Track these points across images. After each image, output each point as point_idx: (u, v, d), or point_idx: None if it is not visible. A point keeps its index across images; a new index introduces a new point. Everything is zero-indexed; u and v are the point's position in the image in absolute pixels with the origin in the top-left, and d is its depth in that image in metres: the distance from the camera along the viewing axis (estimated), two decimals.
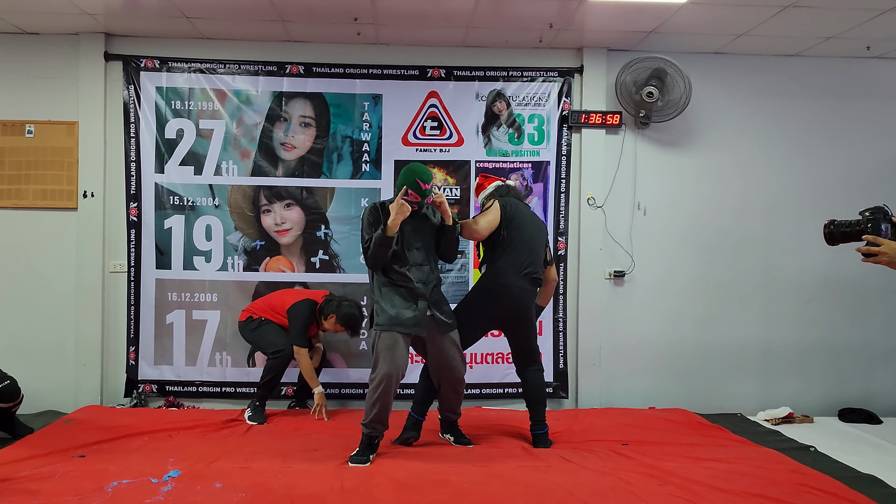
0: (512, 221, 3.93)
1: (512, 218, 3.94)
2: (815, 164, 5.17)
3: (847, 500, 3.13)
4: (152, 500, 3.02)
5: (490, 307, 3.96)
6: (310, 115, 5.00)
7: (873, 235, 2.19)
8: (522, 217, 4.00)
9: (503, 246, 3.93)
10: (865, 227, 2.22)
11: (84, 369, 4.88)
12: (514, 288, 3.92)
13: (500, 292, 3.92)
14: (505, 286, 3.91)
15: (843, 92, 5.17)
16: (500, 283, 3.92)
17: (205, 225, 4.94)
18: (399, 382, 3.73)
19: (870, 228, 2.20)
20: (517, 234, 3.93)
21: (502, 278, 3.91)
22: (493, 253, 3.96)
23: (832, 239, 2.34)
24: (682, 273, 5.15)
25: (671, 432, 4.32)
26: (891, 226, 2.21)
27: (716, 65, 5.12)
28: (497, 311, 3.98)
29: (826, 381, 5.15)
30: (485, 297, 3.97)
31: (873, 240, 2.18)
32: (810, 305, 5.17)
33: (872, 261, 2.18)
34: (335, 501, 3.04)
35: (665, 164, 5.15)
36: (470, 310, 3.99)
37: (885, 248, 2.15)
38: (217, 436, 4.12)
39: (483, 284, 4.01)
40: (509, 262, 3.91)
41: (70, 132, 4.90)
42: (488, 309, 3.97)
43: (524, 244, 3.95)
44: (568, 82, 5.08)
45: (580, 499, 3.08)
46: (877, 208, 2.22)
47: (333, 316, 4.51)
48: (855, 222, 2.26)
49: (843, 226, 2.30)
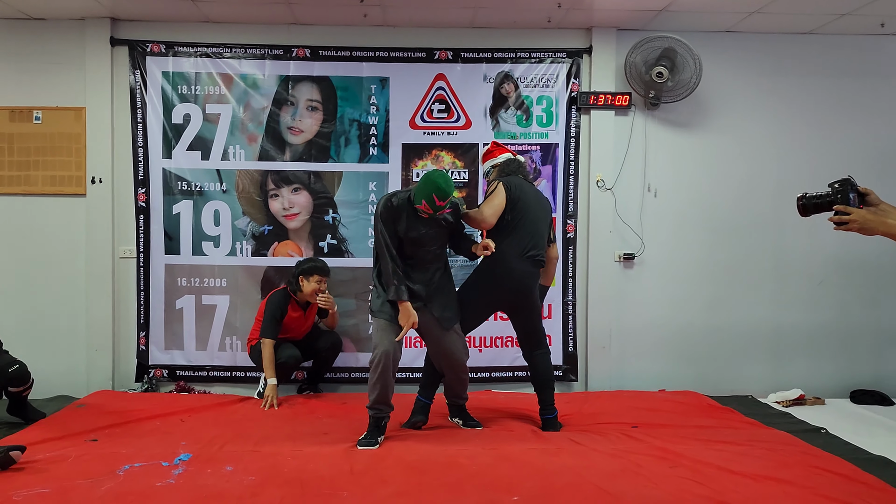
0: (517, 204, 3.87)
1: (517, 200, 3.87)
2: (827, 144, 5.10)
3: (859, 481, 3.11)
4: (163, 483, 3.03)
5: (493, 291, 3.93)
6: (317, 99, 4.97)
7: (842, 205, 2.33)
8: (527, 198, 3.93)
9: (507, 229, 3.86)
10: (835, 198, 2.35)
11: (95, 354, 4.91)
12: (517, 272, 3.88)
13: (502, 276, 3.87)
14: (508, 270, 3.86)
15: (857, 70, 5.09)
16: (502, 266, 3.86)
17: (213, 210, 4.94)
18: (398, 362, 3.72)
19: (839, 198, 2.34)
20: (521, 216, 3.88)
21: (505, 262, 3.85)
22: (495, 236, 3.88)
23: (805, 210, 2.48)
24: (692, 255, 5.12)
25: (681, 415, 4.31)
26: (857, 195, 2.35)
27: (727, 44, 5.05)
28: (500, 295, 3.94)
29: (838, 363, 5.11)
30: (487, 282, 3.93)
31: (843, 209, 2.31)
32: (822, 287, 5.12)
33: (844, 228, 2.33)
34: (345, 484, 3.05)
35: (675, 146, 5.10)
36: (472, 294, 3.96)
37: (854, 216, 2.30)
38: (228, 420, 4.14)
39: (485, 268, 3.95)
40: (512, 246, 3.85)
41: (77, 118, 4.90)
42: (491, 293, 3.94)
43: (528, 226, 3.90)
44: (577, 63, 5.02)
45: (590, 481, 3.07)
46: (844, 180, 2.36)
47: (300, 278, 4.55)
48: (825, 194, 2.40)
49: (814, 198, 2.44)
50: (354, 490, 2.98)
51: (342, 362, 4.99)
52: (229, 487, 2.99)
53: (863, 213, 2.31)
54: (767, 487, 3.03)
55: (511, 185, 3.91)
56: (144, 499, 2.87)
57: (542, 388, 4.02)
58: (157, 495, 2.91)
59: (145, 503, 2.84)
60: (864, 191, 2.37)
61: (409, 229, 3.69)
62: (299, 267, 4.61)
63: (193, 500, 2.87)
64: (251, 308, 4.85)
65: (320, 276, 4.57)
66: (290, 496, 2.90)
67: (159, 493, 2.93)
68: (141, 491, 2.94)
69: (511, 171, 4.03)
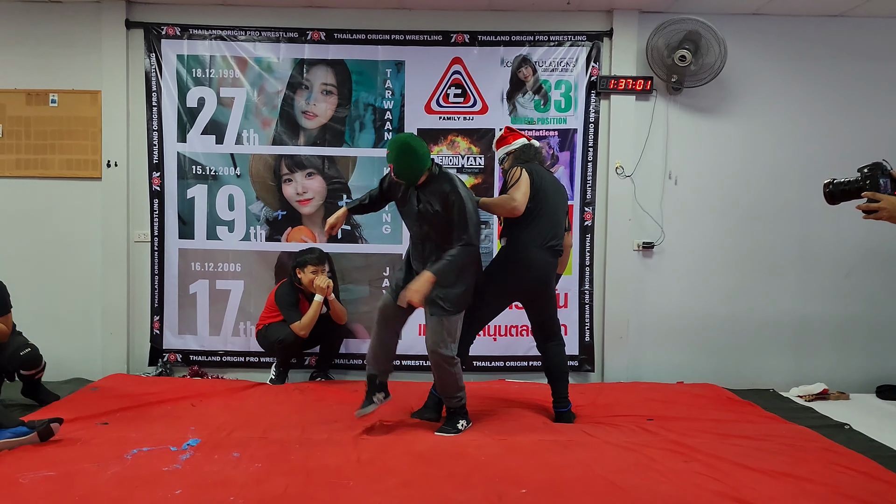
0: (538, 192, 3.75)
1: (539, 188, 3.76)
2: (855, 130, 4.93)
3: (882, 479, 3.00)
4: (170, 468, 3.02)
5: (512, 281, 3.82)
6: (331, 83, 4.92)
7: (872, 192, 2.19)
8: (546, 186, 3.83)
9: (528, 218, 3.74)
10: (864, 184, 2.22)
11: (110, 338, 4.92)
12: (537, 261, 3.79)
13: (523, 266, 3.78)
14: (528, 260, 3.77)
15: (887, 54, 4.92)
16: (523, 256, 3.77)
17: (227, 195, 4.91)
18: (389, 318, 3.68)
19: (868, 185, 2.21)
20: (542, 204, 3.77)
21: (525, 252, 3.76)
22: (515, 224, 3.77)
23: (832, 198, 2.34)
24: (714, 244, 4.99)
25: (699, 408, 4.20)
26: (890, 180, 2.20)
27: (753, 27, 4.89)
28: (519, 285, 3.84)
29: (864, 357, 4.97)
30: (506, 271, 3.82)
31: (872, 195, 2.19)
32: (849, 278, 4.97)
33: (873, 217, 2.20)
34: (351, 473, 3.01)
35: (698, 132, 4.97)
36: (489, 283, 3.84)
37: (884, 204, 2.16)
38: (239, 405, 4.12)
39: (505, 257, 3.85)
40: (533, 235, 3.75)
41: (93, 101, 4.89)
42: (510, 283, 3.83)
43: (548, 215, 3.80)
44: (597, 46, 4.90)
45: (600, 475, 3.00)
46: (875, 164, 2.21)
47: (296, 270, 4.58)
48: (854, 180, 2.26)
49: (842, 184, 2.30)
50: (360, 479, 2.94)
51: (356, 349, 4.96)
52: (235, 474, 2.96)
53: (894, 200, 2.17)
54: (785, 484, 2.93)
55: (532, 171, 3.79)
56: (149, 484, 2.85)
57: (555, 380, 3.93)
58: (163, 480, 2.89)
59: (150, 488, 2.82)
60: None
61: (400, 201, 3.71)
62: (294, 260, 4.62)
63: (198, 485, 2.85)
64: (265, 293, 4.83)
65: (313, 266, 4.54)
66: (295, 484, 2.87)
67: (165, 478, 2.91)
68: (147, 476, 2.92)
69: (528, 157, 3.92)
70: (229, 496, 2.73)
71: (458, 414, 3.69)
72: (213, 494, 2.77)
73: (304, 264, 4.57)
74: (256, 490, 2.81)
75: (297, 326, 4.49)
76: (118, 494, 2.75)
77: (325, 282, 4.52)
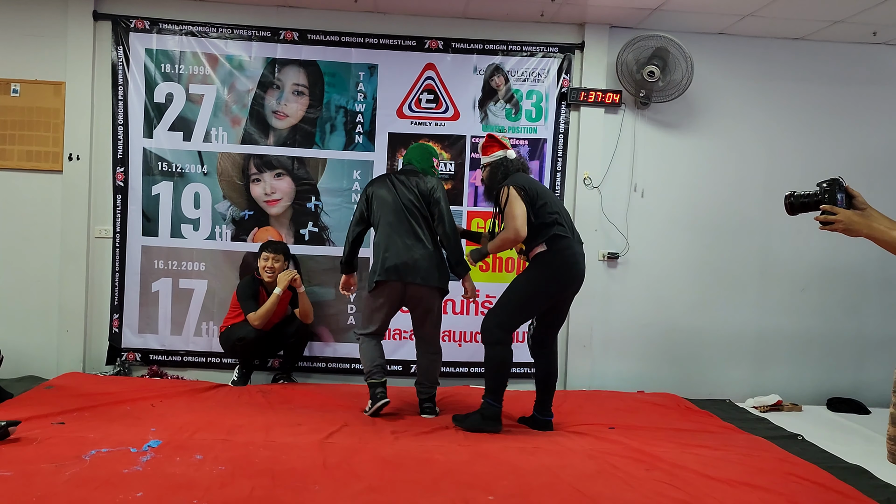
0: (538, 196, 3.73)
1: (535, 194, 3.73)
2: (817, 150, 5.09)
3: (834, 490, 3.10)
4: (130, 470, 2.95)
5: (560, 281, 3.74)
6: (303, 84, 4.89)
7: (829, 205, 2.32)
8: (539, 187, 3.85)
9: (545, 217, 3.69)
10: (822, 197, 2.35)
11: (67, 335, 4.80)
12: (579, 254, 3.77)
13: (571, 263, 3.73)
14: (573, 254, 3.73)
15: (848, 78, 5.09)
16: (569, 251, 3.71)
17: (193, 192, 4.84)
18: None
19: (826, 198, 2.33)
20: (548, 200, 3.77)
21: (570, 247, 3.73)
22: (539, 234, 3.69)
23: (792, 208, 2.46)
24: (677, 256, 5.09)
25: (659, 417, 4.29)
26: (846, 195, 2.34)
27: (720, 46, 5.02)
28: (566, 284, 3.76)
29: (817, 370, 5.12)
30: (555, 272, 3.71)
31: (829, 209, 2.31)
32: (805, 293, 5.12)
33: (829, 228, 2.31)
34: (317, 477, 2.99)
35: (664, 146, 5.07)
36: (534, 287, 3.73)
37: (840, 217, 2.28)
38: (201, 407, 4.05)
39: (551, 260, 3.70)
40: (564, 229, 3.72)
41: (57, 92, 4.77)
42: (559, 282, 3.74)
43: (562, 210, 3.81)
44: (568, 58, 4.97)
45: (566, 482, 3.04)
46: (833, 180, 2.34)
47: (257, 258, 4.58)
48: (813, 193, 2.38)
49: (802, 196, 2.42)
50: (326, 483, 2.92)
51: (319, 352, 4.92)
52: (198, 477, 2.92)
53: (849, 213, 2.30)
54: (744, 493, 3.01)
55: (518, 185, 3.73)
56: (109, 485, 2.79)
57: (551, 388, 3.90)
58: (123, 482, 2.83)
59: (110, 490, 2.75)
60: (852, 192, 2.36)
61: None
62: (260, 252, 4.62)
63: (160, 488, 2.79)
64: (229, 293, 4.76)
65: (268, 253, 4.53)
66: (260, 487, 2.84)
67: (125, 480, 2.85)
68: (106, 477, 2.86)
69: (510, 170, 3.87)
70: (192, 499, 2.69)
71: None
72: (176, 497, 2.72)
73: (261, 249, 4.57)
74: (221, 493, 2.77)
75: (252, 317, 4.43)
76: (78, 496, 2.68)
77: (290, 275, 4.50)
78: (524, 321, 3.95)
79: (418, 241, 3.92)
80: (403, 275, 3.88)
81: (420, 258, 3.90)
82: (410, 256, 3.88)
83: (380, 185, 4.06)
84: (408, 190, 3.98)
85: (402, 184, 4.00)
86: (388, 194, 3.98)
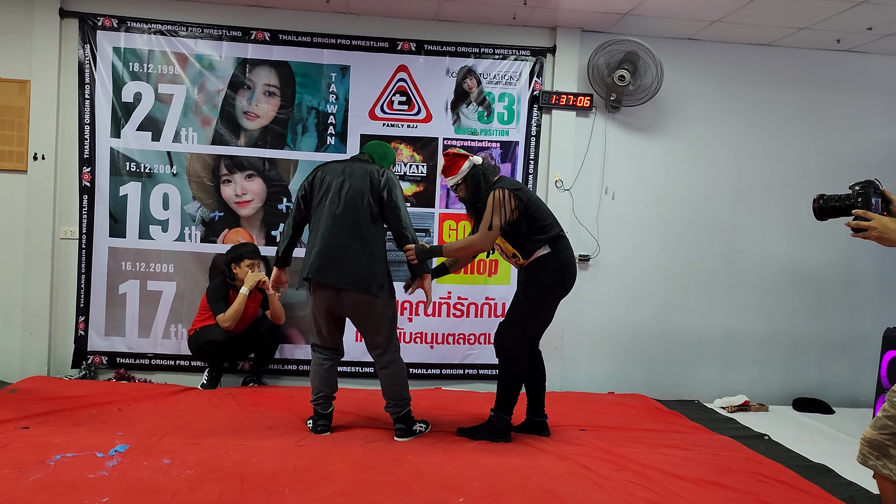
0: (529, 199, 3.60)
1: (526, 197, 3.59)
2: (783, 154, 5.18)
3: (798, 489, 3.16)
4: (96, 475, 2.91)
5: (568, 282, 3.68)
6: (275, 84, 4.85)
7: (863, 210, 2.11)
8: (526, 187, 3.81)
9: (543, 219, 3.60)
10: (855, 202, 2.13)
11: (31, 338, 4.70)
12: (573, 256, 3.73)
13: (573, 261, 3.70)
14: (573, 254, 3.71)
15: (813, 84, 5.19)
16: (567, 256, 3.65)
17: (162, 193, 4.77)
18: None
19: (860, 202, 2.12)
20: (539, 204, 3.66)
21: (569, 247, 3.69)
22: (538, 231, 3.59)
23: (821, 213, 2.25)
24: (647, 258, 5.15)
25: (629, 418, 4.33)
26: (881, 199, 2.14)
27: (689, 51, 5.09)
28: (571, 284, 3.72)
29: (783, 371, 5.21)
30: (563, 273, 3.64)
31: (863, 214, 2.10)
32: (771, 295, 5.21)
33: (862, 236, 2.10)
34: (287, 480, 2.97)
35: (634, 149, 5.12)
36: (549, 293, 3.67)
37: (874, 223, 2.07)
38: (169, 410, 4.00)
39: (557, 261, 3.61)
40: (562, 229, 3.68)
41: (22, 91, 4.68)
42: (565, 284, 3.68)
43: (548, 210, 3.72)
44: (540, 62, 5.00)
45: (537, 483, 3.06)
46: (867, 182, 2.13)
47: (231, 266, 4.52)
48: (845, 196, 2.17)
49: (832, 200, 2.22)
50: (296, 487, 2.90)
51: (290, 354, 4.88)
52: (166, 481, 2.88)
53: (885, 220, 2.07)
54: (711, 493, 3.05)
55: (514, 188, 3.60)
56: (75, 491, 2.75)
57: (542, 388, 3.90)
58: (89, 487, 2.79)
59: (75, 495, 2.71)
60: (889, 196, 2.15)
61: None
62: (228, 255, 4.55)
63: (127, 493, 2.76)
64: (198, 295, 4.71)
65: (250, 260, 4.50)
66: (230, 491, 2.81)
67: (91, 486, 2.81)
68: (72, 482, 2.81)
69: (489, 176, 3.66)
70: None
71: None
72: (144, 502, 2.70)
73: (239, 259, 4.50)
74: (189, 497, 2.75)
75: (221, 318, 4.39)
76: (41, 501, 2.64)
77: (257, 277, 4.46)
78: (543, 330, 3.88)
79: (356, 239, 3.49)
80: (329, 276, 3.48)
81: (355, 261, 3.47)
82: (340, 256, 3.47)
83: (327, 170, 3.64)
84: (357, 180, 3.55)
85: (352, 174, 3.58)
86: (335, 181, 3.56)
